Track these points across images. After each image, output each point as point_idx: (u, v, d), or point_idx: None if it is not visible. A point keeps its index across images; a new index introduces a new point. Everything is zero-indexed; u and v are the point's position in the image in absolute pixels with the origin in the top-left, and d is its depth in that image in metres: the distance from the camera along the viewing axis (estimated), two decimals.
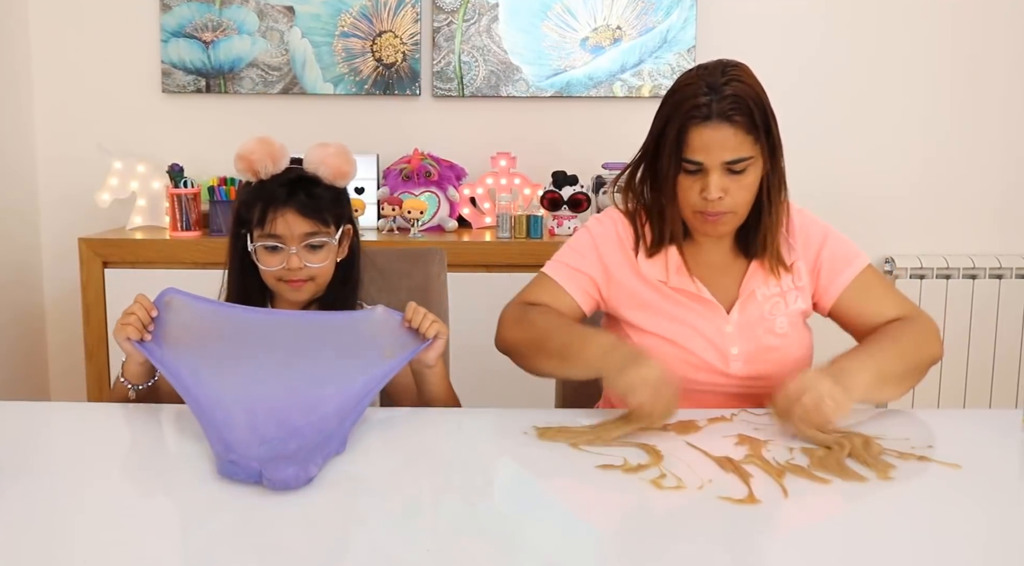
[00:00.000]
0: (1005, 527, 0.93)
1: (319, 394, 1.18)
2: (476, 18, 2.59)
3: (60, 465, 1.09)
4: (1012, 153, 2.66)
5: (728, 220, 1.31)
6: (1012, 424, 1.24)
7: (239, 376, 1.20)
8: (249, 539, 0.89)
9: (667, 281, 1.36)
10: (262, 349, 1.25)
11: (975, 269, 2.58)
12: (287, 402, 1.16)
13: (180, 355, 1.24)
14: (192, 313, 1.28)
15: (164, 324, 1.27)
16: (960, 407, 2.59)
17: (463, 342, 1.78)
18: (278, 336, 1.27)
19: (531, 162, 2.58)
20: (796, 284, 1.38)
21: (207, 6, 2.58)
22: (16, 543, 0.87)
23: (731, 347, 1.35)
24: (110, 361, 2.34)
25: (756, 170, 1.29)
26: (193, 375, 1.20)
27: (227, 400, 1.16)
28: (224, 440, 1.08)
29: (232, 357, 1.23)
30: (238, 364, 1.22)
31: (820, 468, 1.05)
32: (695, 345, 1.35)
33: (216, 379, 1.19)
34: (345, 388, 1.19)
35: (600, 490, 1.01)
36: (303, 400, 1.17)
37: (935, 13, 2.61)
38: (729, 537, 0.90)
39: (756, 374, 1.35)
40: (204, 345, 1.25)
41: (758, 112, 1.26)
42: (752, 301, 1.37)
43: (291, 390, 1.19)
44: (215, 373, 1.20)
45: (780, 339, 1.36)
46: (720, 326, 1.35)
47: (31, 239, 2.66)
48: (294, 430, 1.12)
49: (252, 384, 1.19)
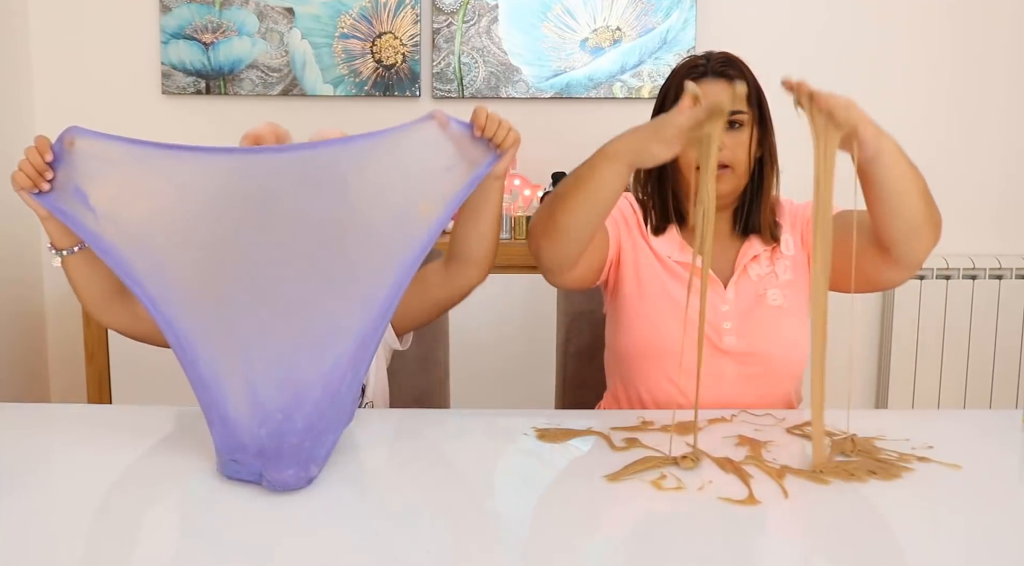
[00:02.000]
0: (1005, 527, 0.93)
1: (336, 321, 0.99)
2: (476, 19, 2.59)
3: (60, 466, 1.09)
4: (1012, 153, 2.66)
5: (727, 178, 1.34)
6: (1012, 424, 1.24)
7: (219, 293, 0.97)
8: (249, 539, 0.89)
9: (670, 255, 1.40)
10: (243, 226, 0.96)
11: (975, 269, 2.58)
12: (293, 346, 1.00)
13: (121, 231, 1.00)
14: (109, 155, 1.01)
15: (78, 174, 1.02)
16: (960, 407, 2.59)
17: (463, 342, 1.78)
18: (264, 200, 0.97)
19: (531, 163, 2.58)
20: (785, 254, 1.41)
21: (207, 8, 2.59)
22: (16, 544, 0.87)
23: (724, 322, 1.37)
24: (110, 361, 2.34)
25: (751, 132, 1.35)
26: (151, 275, 0.99)
27: (211, 351, 0.99)
28: (222, 419, 1.02)
29: (201, 245, 0.97)
30: (212, 263, 0.97)
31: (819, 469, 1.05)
32: (691, 311, 1.36)
33: (186, 296, 0.96)
34: (373, 293, 0.99)
35: (600, 491, 1.01)
36: (314, 336, 1.00)
37: (934, 15, 2.61)
38: (729, 537, 0.90)
39: (749, 351, 1.36)
40: (153, 221, 0.98)
41: (749, 77, 1.35)
42: (746, 278, 1.39)
43: (298, 319, 0.98)
44: (181, 280, 0.98)
45: (774, 314, 1.38)
46: (716, 303, 1.38)
47: (31, 239, 2.66)
48: (299, 394, 1.01)
49: (241, 312, 0.97)
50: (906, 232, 1.24)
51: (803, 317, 1.40)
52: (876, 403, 2.70)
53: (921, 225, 1.23)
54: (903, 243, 1.25)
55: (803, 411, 1.36)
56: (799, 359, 1.39)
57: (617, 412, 1.43)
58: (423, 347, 1.62)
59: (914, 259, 1.28)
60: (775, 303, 1.38)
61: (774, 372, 1.38)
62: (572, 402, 1.66)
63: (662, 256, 1.40)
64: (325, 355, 1.04)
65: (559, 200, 1.27)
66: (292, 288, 1.03)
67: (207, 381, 1.05)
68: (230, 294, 1.03)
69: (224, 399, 1.04)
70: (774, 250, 1.41)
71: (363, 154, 1.04)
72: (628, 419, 1.24)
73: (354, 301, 1.03)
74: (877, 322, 2.69)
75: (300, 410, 1.03)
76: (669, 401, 1.37)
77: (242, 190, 1.01)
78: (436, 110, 1.07)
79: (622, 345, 1.42)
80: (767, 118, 1.38)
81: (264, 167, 1.01)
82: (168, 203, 1.02)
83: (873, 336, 2.69)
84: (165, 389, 2.00)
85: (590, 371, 1.64)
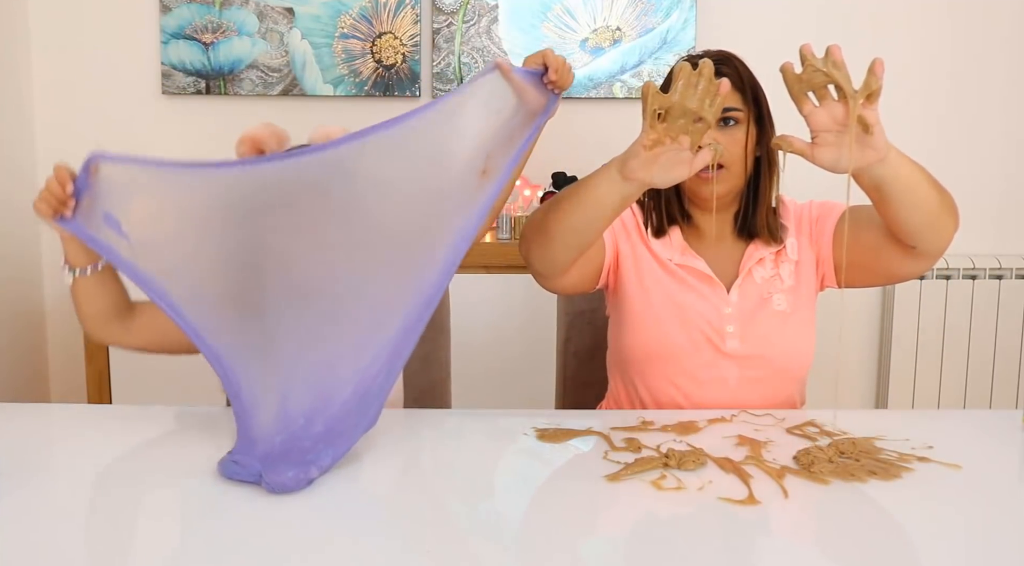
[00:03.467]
0: (1005, 527, 0.93)
1: (378, 315, 0.94)
2: (476, 19, 2.59)
3: (60, 466, 1.09)
4: (1011, 153, 2.66)
5: (723, 177, 1.32)
6: (1012, 424, 1.24)
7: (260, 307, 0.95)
8: (249, 539, 0.89)
9: (672, 258, 1.39)
10: (279, 234, 0.93)
11: (975, 269, 2.58)
12: (331, 351, 0.96)
13: (156, 258, 0.98)
14: (139, 180, 0.99)
15: (107, 201, 1.00)
16: (960, 407, 2.59)
17: (464, 342, 1.78)
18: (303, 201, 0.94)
19: (531, 163, 2.56)
20: (790, 258, 1.39)
21: (207, 8, 2.58)
22: (16, 543, 0.87)
23: (727, 325, 1.36)
24: (110, 361, 2.34)
25: (747, 131, 1.33)
26: (191, 303, 0.96)
27: (253, 373, 0.97)
28: (245, 430, 1.01)
29: (240, 265, 0.94)
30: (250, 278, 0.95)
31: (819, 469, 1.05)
32: (693, 316, 1.36)
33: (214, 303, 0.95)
34: (425, 277, 0.94)
35: (600, 491, 1.01)
36: (354, 334, 0.97)
37: (933, 15, 2.61)
38: (729, 537, 0.90)
39: (752, 354, 1.35)
40: (187, 242, 0.96)
41: (745, 74, 1.33)
42: (750, 281, 1.38)
43: (339, 319, 0.94)
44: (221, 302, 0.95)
45: (779, 319, 1.36)
46: (719, 306, 1.36)
47: (31, 239, 2.66)
48: (328, 396, 0.98)
49: (282, 323, 0.94)
50: (927, 224, 1.21)
51: (808, 321, 1.39)
52: (876, 403, 2.70)
53: (939, 213, 1.21)
54: (925, 235, 1.23)
55: (803, 411, 1.36)
56: (803, 363, 1.38)
57: (617, 412, 1.42)
58: (423, 347, 1.61)
59: (937, 248, 1.26)
60: (779, 308, 1.37)
61: (777, 375, 1.37)
62: (572, 402, 1.66)
63: (663, 259, 1.39)
64: (362, 353, 1.01)
65: (553, 206, 1.26)
66: (335, 286, 1.00)
67: (247, 405, 1.03)
68: (271, 306, 1.01)
69: (255, 415, 1.03)
70: (779, 253, 1.39)
71: (424, 125, 1.00)
72: (628, 419, 1.24)
73: (404, 288, 0.98)
74: (877, 322, 2.69)
75: (325, 412, 1.02)
76: (671, 403, 1.37)
77: (280, 196, 0.99)
78: (498, 59, 1.05)
79: (624, 347, 1.41)
80: (765, 117, 1.36)
81: (302, 169, 0.99)
82: (201, 222, 1.00)
83: (873, 336, 2.69)
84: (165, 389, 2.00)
85: (590, 371, 1.64)
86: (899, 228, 1.23)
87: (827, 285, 1.41)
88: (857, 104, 1.06)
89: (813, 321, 1.40)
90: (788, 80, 1.08)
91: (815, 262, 1.40)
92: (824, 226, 1.40)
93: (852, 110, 1.06)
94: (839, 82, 1.06)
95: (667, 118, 1.08)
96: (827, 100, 1.09)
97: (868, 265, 1.34)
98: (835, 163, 1.11)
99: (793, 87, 1.08)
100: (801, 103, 1.10)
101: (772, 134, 1.35)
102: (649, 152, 1.12)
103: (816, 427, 1.21)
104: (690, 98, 1.06)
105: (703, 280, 1.38)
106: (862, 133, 1.09)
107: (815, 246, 1.40)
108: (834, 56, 1.06)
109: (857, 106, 1.06)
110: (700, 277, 1.38)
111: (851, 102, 1.06)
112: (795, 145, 1.11)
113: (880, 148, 1.11)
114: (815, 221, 1.41)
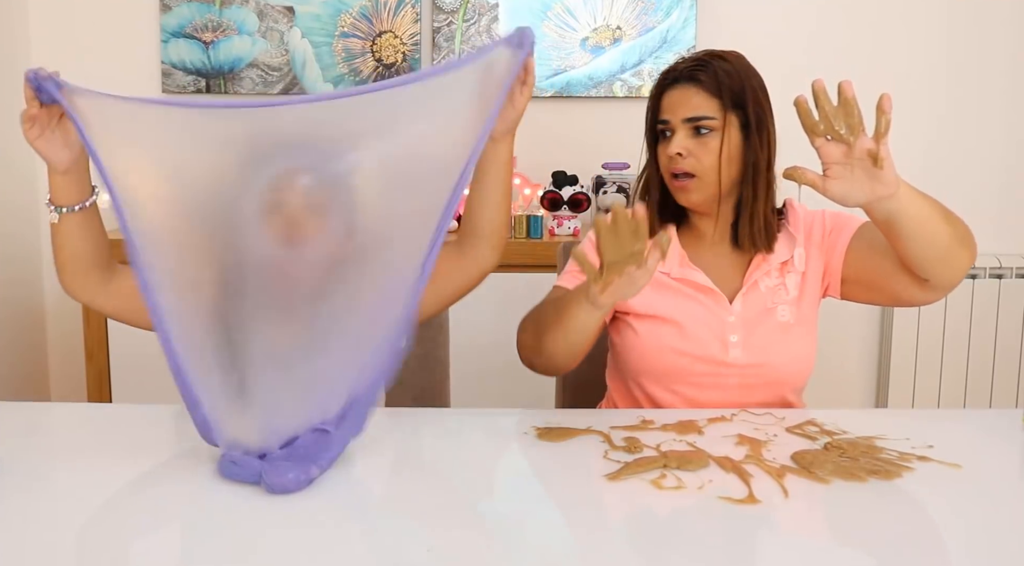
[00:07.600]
0: (1005, 527, 0.93)
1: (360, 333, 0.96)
2: (476, 18, 2.59)
3: (60, 465, 1.09)
4: (1011, 153, 2.66)
5: (695, 186, 1.32)
6: (1012, 424, 1.24)
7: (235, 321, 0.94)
8: (249, 539, 0.89)
9: (670, 272, 1.37)
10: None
11: (975, 269, 2.58)
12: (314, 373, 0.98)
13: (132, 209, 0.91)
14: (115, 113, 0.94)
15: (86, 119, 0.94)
16: (960, 407, 2.59)
17: (463, 342, 1.78)
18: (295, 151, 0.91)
19: (531, 162, 2.58)
20: (796, 269, 1.37)
21: (207, 6, 2.58)
22: (16, 543, 0.87)
23: (731, 335, 1.35)
24: (110, 361, 2.34)
25: (725, 138, 1.30)
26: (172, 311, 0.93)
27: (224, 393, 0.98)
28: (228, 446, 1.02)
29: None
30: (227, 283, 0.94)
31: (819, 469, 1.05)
32: (695, 330, 1.35)
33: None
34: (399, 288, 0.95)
35: (600, 490, 1.01)
36: (333, 359, 0.98)
37: (933, 15, 2.61)
38: (729, 537, 0.90)
39: (754, 363, 1.34)
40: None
41: (728, 80, 1.30)
42: (755, 291, 1.37)
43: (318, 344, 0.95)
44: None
45: (782, 329, 1.36)
46: (722, 316, 1.35)
47: (31, 239, 2.66)
48: (315, 414, 0.99)
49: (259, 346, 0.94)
50: (939, 258, 1.22)
51: (810, 332, 1.38)
52: (876, 403, 2.70)
53: (951, 247, 1.21)
54: (937, 269, 1.23)
55: (803, 411, 1.36)
56: (803, 372, 1.38)
57: (617, 411, 1.42)
58: (423, 346, 1.61)
59: (950, 282, 1.26)
60: (783, 319, 1.36)
61: (777, 382, 1.36)
62: (572, 402, 1.66)
63: (660, 275, 1.36)
64: (347, 370, 1.03)
65: (542, 330, 1.28)
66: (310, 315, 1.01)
67: (219, 425, 1.03)
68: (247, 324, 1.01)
69: (230, 432, 1.02)
70: (785, 263, 1.37)
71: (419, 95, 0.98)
72: (628, 418, 1.24)
73: (378, 308, 1.00)
74: (877, 322, 2.69)
75: (314, 423, 1.03)
76: (670, 408, 1.36)
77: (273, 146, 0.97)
78: (527, 29, 1.07)
79: (623, 362, 1.41)
80: (754, 122, 1.31)
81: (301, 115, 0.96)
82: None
83: (873, 336, 2.69)
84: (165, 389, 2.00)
85: (590, 371, 1.64)
86: (911, 262, 1.23)
87: (830, 294, 1.40)
88: (874, 144, 1.10)
89: (815, 331, 1.40)
90: (801, 115, 1.12)
91: (822, 272, 1.38)
92: (837, 240, 1.37)
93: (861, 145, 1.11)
94: (852, 127, 1.10)
95: (605, 267, 1.11)
96: (838, 135, 1.11)
97: (878, 287, 1.34)
98: (845, 196, 1.13)
99: (806, 122, 1.12)
100: (813, 136, 1.12)
101: (767, 138, 1.33)
102: (608, 290, 1.13)
103: (816, 426, 1.21)
104: (616, 249, 1.08)
105: (703, 291, 1.36)
106: (871, 166, 1.10)
107: (824, 256, 1.38)
108: (845, 94, 1.09)
109: (871, 144, 1.10)
110: (700, 289, 1.36)
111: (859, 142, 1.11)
112: (807, 177, 1.12)
113: (890, 182, 1.12)
114: (828, 232, 1.38)
